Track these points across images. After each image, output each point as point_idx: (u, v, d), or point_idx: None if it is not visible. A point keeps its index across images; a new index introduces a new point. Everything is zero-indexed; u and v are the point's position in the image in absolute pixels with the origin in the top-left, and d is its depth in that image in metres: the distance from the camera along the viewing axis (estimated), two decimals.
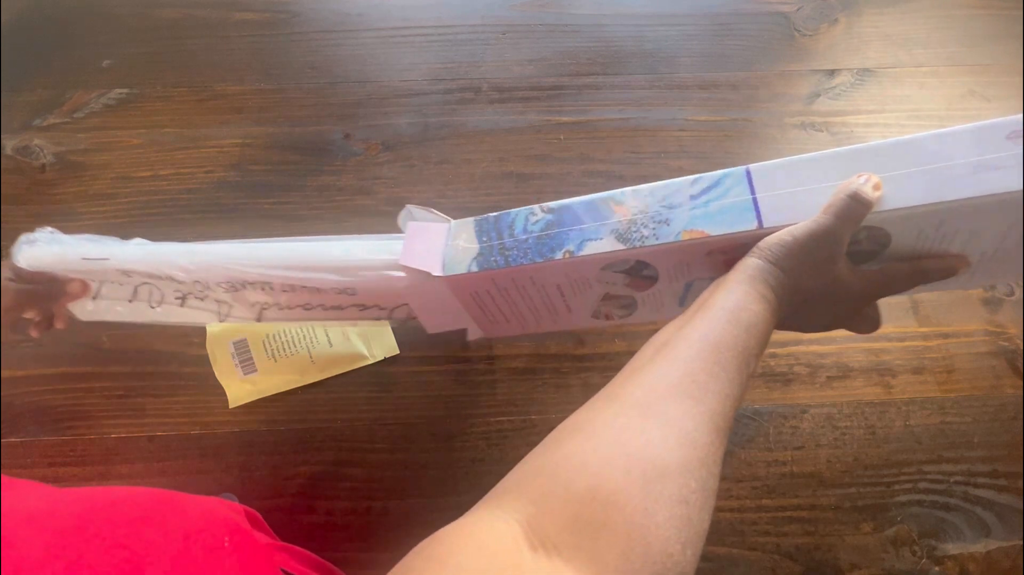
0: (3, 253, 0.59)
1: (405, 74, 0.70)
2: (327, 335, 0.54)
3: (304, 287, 0.44)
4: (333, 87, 0.69)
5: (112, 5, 0.75)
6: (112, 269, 0.45)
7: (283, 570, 0.32)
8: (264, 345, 0.53)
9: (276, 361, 0.53)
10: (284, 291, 0.45)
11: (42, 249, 0.46)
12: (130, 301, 0.47)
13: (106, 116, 0.67)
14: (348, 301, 0.44)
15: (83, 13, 0.74)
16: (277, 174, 0.63)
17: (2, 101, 0.67)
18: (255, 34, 0.73)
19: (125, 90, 0.68)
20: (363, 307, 0.45)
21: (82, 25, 0.73)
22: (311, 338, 0.53)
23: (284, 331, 0.54)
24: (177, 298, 0.47)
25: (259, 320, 0.47)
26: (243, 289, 0.44)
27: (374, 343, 0.54)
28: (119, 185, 0.62)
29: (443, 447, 0.52)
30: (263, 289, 0.44)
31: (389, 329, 0.55)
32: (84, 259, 0.45)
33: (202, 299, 0.46)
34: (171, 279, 0.44)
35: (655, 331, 0.30)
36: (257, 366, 0.53)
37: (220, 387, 0.53)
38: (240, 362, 0.53)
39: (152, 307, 0.48)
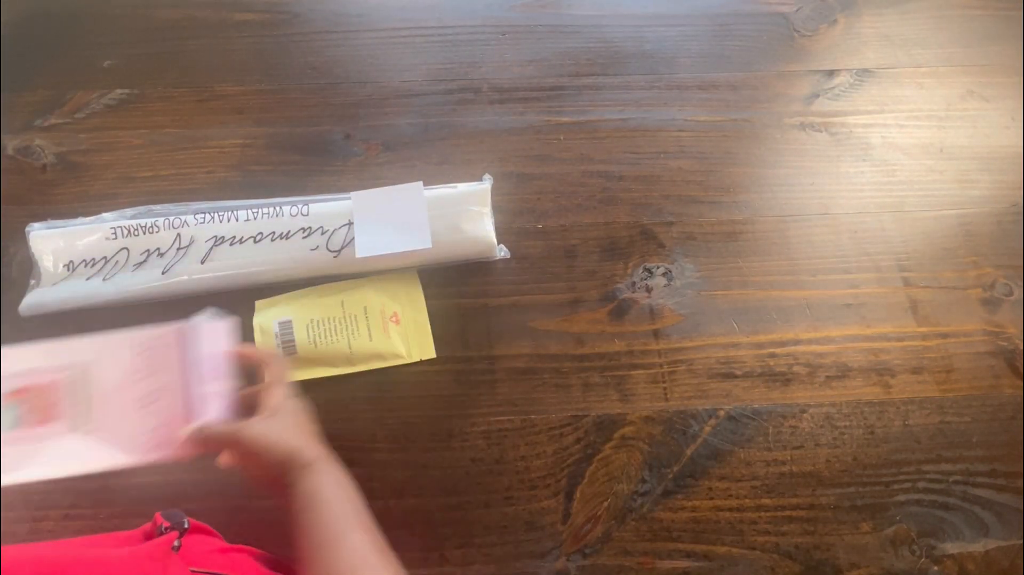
0: (3, 253, 0.59)
1: (405, 74, 0.70)
2: (368, 329, 0.54)
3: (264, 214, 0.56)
4: (333, 87, 0.69)
5: (113, 6, 0.75)
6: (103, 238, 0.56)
7: None
8: (307, 330, 0.54)
9: (316, 347, 0.54)
10: (247, 220, 0.56)
11: (43, 294, 0.52)
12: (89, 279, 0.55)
13: (107, 116, 0.67)
14: (296, 224, 0.56)
15: (84, 13, 0.74)
16: (278, 174, 0.63)
17: (3, 101, 0.67)
18: (255, 35, 0.73)
19: (126, 90, 0.68)
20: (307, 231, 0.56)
21: (83, 25, 0.73)
22: (352, 329, 0.54)
23: (328, 319, 0.55)
24: (138, 261, 0.55)
25: (203, 262, 0.55)
26: (209, 222, 0.56)
27: (413, 344, 0.55)
28: (120, 185, 0.62)
29: (443, 447, 0.52)
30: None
31: (429, 331, 0.56)
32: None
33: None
34: (152, 229, 0.56)
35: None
36: (298, 348, 0.54)
37: None
38: (283, 342, 0.54)
39: (104, 280, 0.55)
